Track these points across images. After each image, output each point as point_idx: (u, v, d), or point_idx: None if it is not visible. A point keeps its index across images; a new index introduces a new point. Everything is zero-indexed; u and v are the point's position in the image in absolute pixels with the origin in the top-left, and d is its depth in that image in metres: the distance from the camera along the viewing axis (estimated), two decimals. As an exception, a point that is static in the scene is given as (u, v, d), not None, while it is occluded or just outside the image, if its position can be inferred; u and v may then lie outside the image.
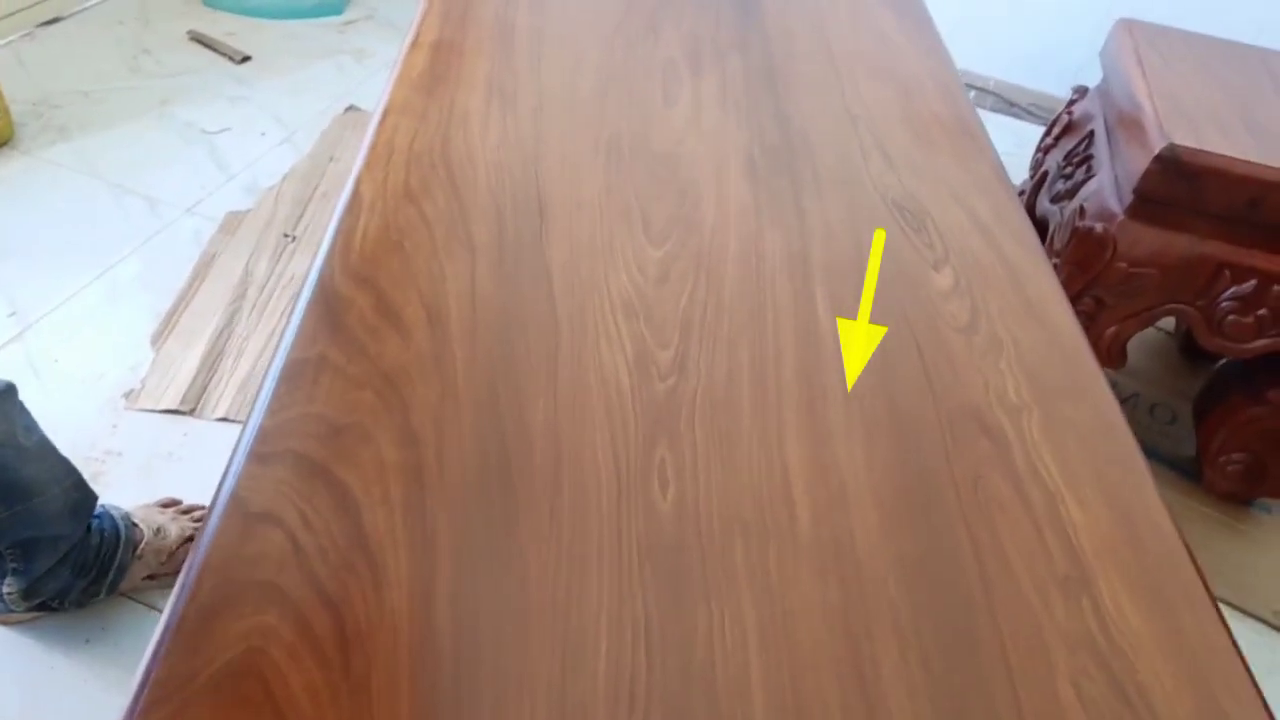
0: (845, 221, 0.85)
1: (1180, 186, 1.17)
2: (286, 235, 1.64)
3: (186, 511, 1.18)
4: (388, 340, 0.66)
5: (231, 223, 1.66)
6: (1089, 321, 1.32)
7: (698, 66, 1.04)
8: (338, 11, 2.35)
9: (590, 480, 0.60)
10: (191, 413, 1.32)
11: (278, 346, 0.65)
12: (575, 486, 0.59)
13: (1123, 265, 1.24)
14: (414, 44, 0.99)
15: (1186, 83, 1.30)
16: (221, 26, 2.21)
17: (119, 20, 2.17)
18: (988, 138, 1.02)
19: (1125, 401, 1.60)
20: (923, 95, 1.06)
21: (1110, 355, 1.32)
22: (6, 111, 1.72)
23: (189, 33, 2.15)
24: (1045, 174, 1.54)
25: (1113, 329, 1.30)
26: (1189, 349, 1.70)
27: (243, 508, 0.54)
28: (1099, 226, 1.24)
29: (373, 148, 0.84)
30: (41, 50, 2.03)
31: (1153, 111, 1.22)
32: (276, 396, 0.62)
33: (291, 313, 0.68)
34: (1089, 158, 1.42)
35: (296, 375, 0.63)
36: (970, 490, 0.64)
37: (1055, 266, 1.34)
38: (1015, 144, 2.30)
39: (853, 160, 0.94)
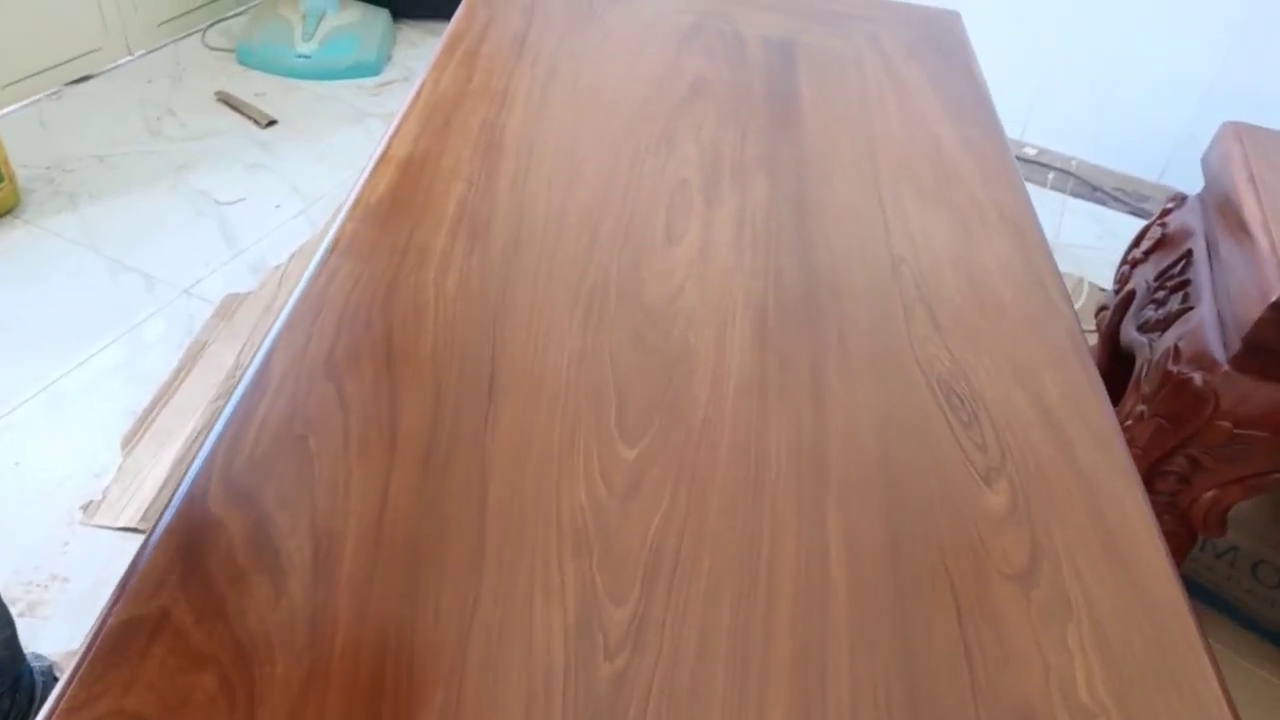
0: (876, 410, 0.68)
1: (1299, 339, 0.98)
2: (285, 322, 1.53)
3: None
4: (255, 590, 0.51)
5: (229, 306, 1.55)
6: (1182, 485, 1.11)
7: (714, 190, 0.89)
8: (374, 73, 2.26)
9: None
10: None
11: (113, 599, 0.51)
12: None
13: (1226, 424, 1.04)
14: (381, 159, 0.85)
15: (1305, 207, 1.10)
16: (252, 86, 2.13)
17: (148, 79, 2.11)
18: (1065, 292, 0.84)
19: (1221, 557, 1.38)
20: (985, 232, 0.89)
21: (1208, 524, 1.11)
22: (13, 179, 1.65)
23: (217, 93, 2.08)
24: (1133, 293, 1.34)
25: (1211, 494, 1.10)
26: (1297, 496, 1.47)
27: None
28: (1198, 377, 1.05)
29: (302, 299, 0.70)
30: (65, 110, 1.98)
31: (1269, 246, 1.03)
32: (85, 676, 0.47)
33: (141, 545, 0.53)
34: (1186, 283, 1.22)
35: (123, 642, 0.48)
36: None
37: (1141, 414, 1.15)
38: (1099, 234, 2.09)
39: (891, 320, 0.77)
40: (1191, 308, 1.17)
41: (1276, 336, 0.99)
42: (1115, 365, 1.31)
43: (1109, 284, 1.95)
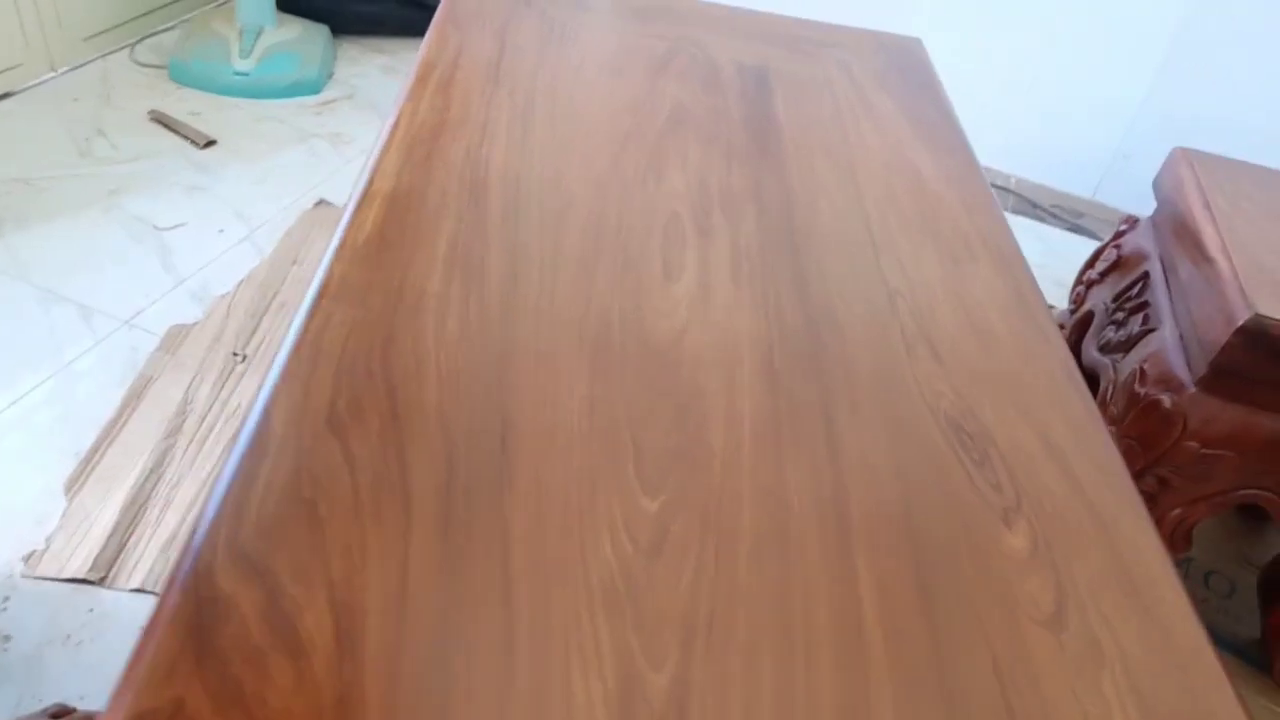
0: (889, 451, 0.68)
1: (1266, 361, 1.01)
2: (236, 354, 1.46)
3: None
4: (275, 672, 0.48)
5: (174, 338, 1.48)
6: (1150, 502, 1.14)
7: (706, 222, 0.88)
8: (315, 91, 2.19)
9: None
10: (101, 581, 1.13)
11: (120, 692, 0.46)
12: None
13: (1193, 445, 1.07)
14: (365, 195, 0.81)
15: (1261, 231, 1.14)
16: (188, 105, 2.05)
17: (74, 97, 2.01)
18: (1053, 323, 0.85)
19: (1175, 568, 1.41)
20: (973, 263, 0.90)
21: (1174, 542, 1.14)
22: (-69, 204, 1.55)
23: (150, 112, 1.99)
24: (1090, 314, 1.38)
25: (1177, 512, 1.13)
26: (1250, 507, 1.52)
27: None
28: (1167, 399, 1.07)
29: (296, 349, 0.66)
30: (-14, 130, 1.87)
31: (1229, 269, 1.06)
32: (100, 784, 0.43)
33: (146, 628, 0.49)
34: (1145, 304, 1.25)
35: (136, 740, 0.44)
36: None
37: (1109, 435, 1.17)
38: (1042, 251, 2.15)
39: (894, 356, 0.76)
40: (1153, 329, 1.20)
41: (1243, 359, 1.02)
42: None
43: (1057, 301, 2.00)
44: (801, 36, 1.28)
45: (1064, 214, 2.31)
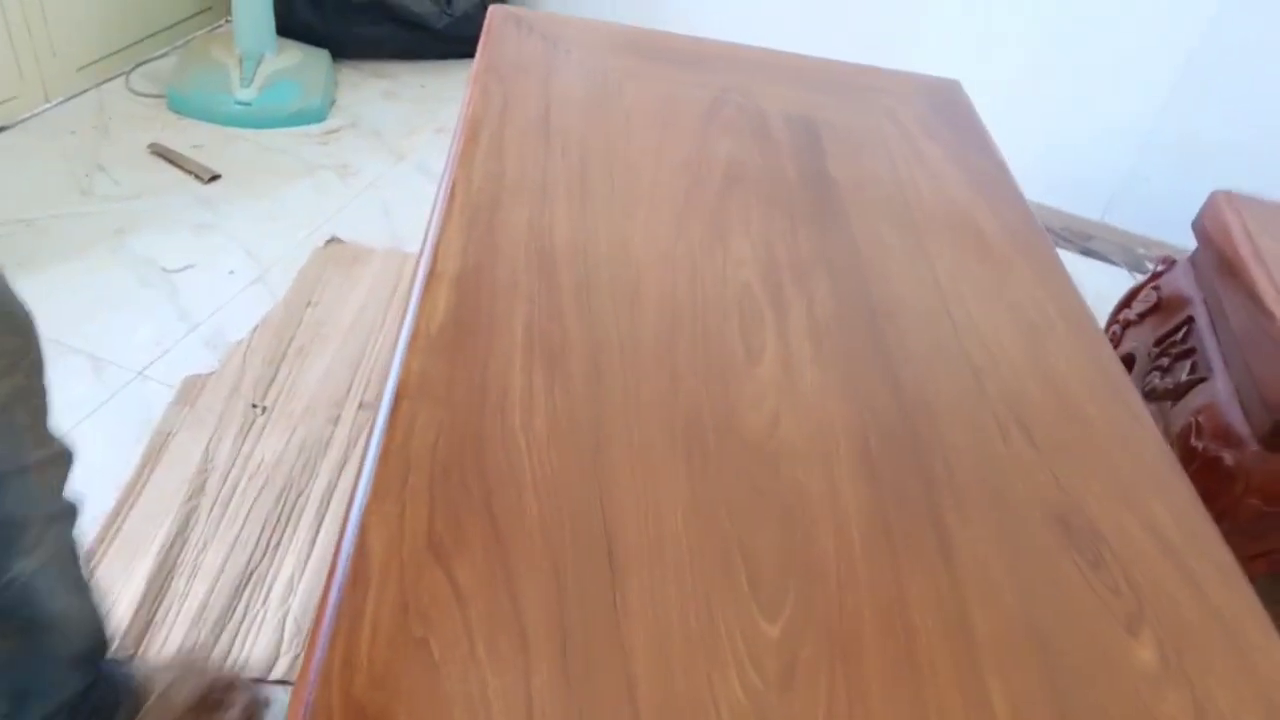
0: (1001, 554, 0.65)
1: (1332, 423, 0.99)
2: (255, 406, 1.41)
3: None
4: None
5: (191, 389, 1.43)
6: (1208, 559, 1.12)
7: (778, 295, 0.85)
8: (319, 119, 2.14)
9: None
10: (130, 660, 1.08)
11: None
12: None
13: (1255, 502, 1.06)
14: (431, 275, 0.78)
15: (1315, 283, 1.13)
16: (188, 137, 1.99)
17: (71, 129, 1.94)
18: (1140, 399, 0.82)
19: None
20: (1051, 332, 0.87)
21: (1232, 598, 1.12)
22: (-70, 250, 1.49)
23: (150, 146, 1.93)
24: (1131, 356, 1.36)
25: (1237, 569, 1.11)
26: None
27: None
28: (1228, 456, 1.06)
29: (383, 458, 0.62)
30: (-18, 165, 1.80)
31: (1290, 326, 1.04)
32: None
33: None
34: (1191, 350, 1.24)
35: None
36: None
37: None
38: (1053, 280, 2.13)
39: (991, 444, 0.74)
40: (1204, 378, 1.19)
41: (1310, 419, 1.00)
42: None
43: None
44: (842, 82, 1.26)
45: (1073, 237, 2.30)
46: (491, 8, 1.25)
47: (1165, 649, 0.61)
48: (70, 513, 0.82)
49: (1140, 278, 1.44)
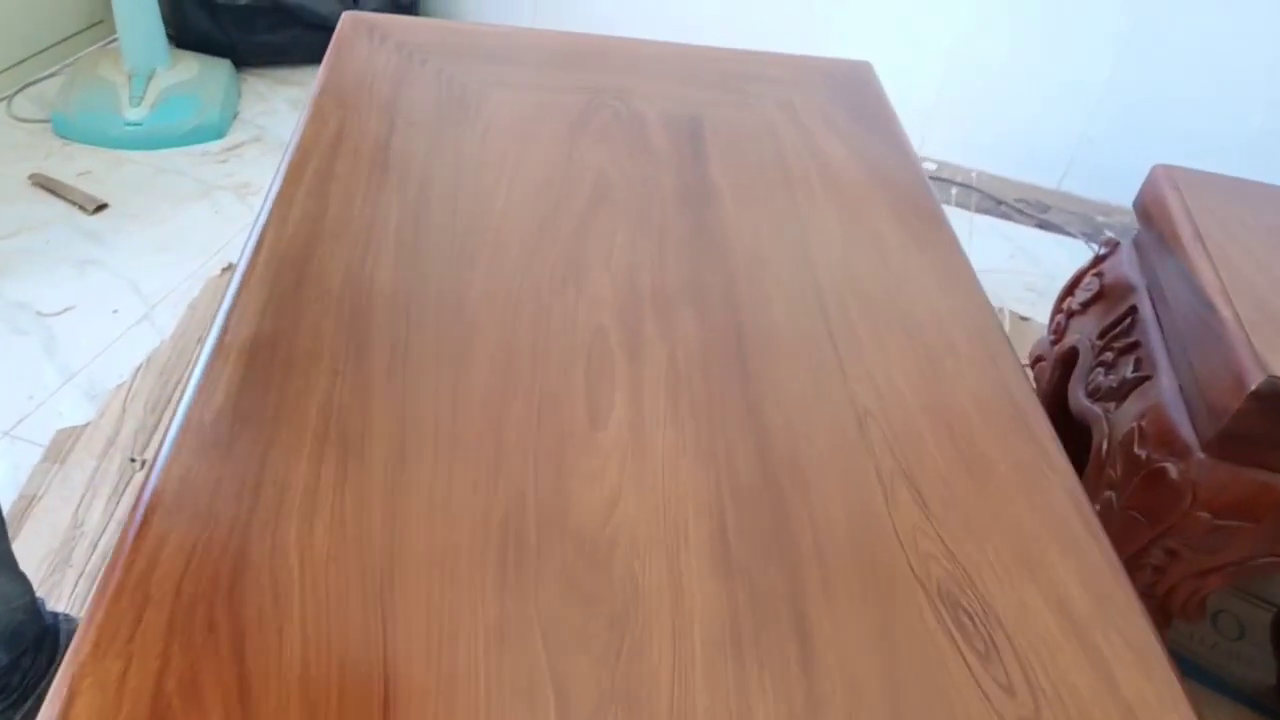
0: (876, 655, 0.55)
1: (1281, 427, 0.89)
2: (133, 460, 1.31)
3: None
4: None
5: (61, 444, 1.32)
6: (1158, 575, 1.03)
7: (636, 337, 0.74)
8: (218, 136, 2.01)
9: None
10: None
11: None
12: None
13: (1205, 515, 0.96)
14: (217, 350, 0.66)
15: (1261, 265, 1.03)
16: (75, 164, 1.86)
17: (-56, 163, 1.82)
18: (1050, 430, 0.72)
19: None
20: (953, 359, 0.77)
21: (1188, 612, 1.03)
22: None
23: (31, 176, 1.80)
24: (1074, 349, 1.26)
25: (1189, 584, 1.02)
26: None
27: None
28: (1173, 468, 0.96)
29: (115, 597, 0.51)
30: None
31: (1233, 317, 0.94)
32: None
33: None
34: (1135, 344, 1.14)
35: None
36: None
37: (1110, 502, 1.06)
38: (1010, 253, 2.03)
39: (870, 509, 0.64)
40: (1147, 377, 1.09)
41: (1257, 425, 0.90)
42: (1068, 426, 1.22)
43: (1027, 309, 1.89)
44: (736, 72, 1.14)
45: (1030, 209, 2.20)
46: (344, 15, 1.13)
47: (1065, 764, 0.51)
48: None
49: (1102, 250, 1.34)
